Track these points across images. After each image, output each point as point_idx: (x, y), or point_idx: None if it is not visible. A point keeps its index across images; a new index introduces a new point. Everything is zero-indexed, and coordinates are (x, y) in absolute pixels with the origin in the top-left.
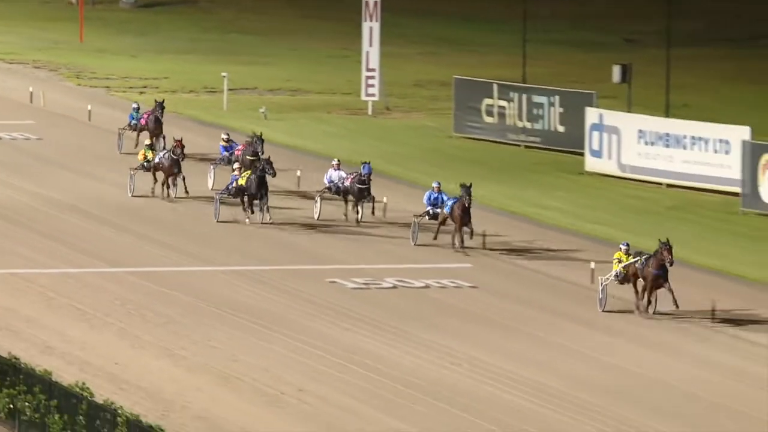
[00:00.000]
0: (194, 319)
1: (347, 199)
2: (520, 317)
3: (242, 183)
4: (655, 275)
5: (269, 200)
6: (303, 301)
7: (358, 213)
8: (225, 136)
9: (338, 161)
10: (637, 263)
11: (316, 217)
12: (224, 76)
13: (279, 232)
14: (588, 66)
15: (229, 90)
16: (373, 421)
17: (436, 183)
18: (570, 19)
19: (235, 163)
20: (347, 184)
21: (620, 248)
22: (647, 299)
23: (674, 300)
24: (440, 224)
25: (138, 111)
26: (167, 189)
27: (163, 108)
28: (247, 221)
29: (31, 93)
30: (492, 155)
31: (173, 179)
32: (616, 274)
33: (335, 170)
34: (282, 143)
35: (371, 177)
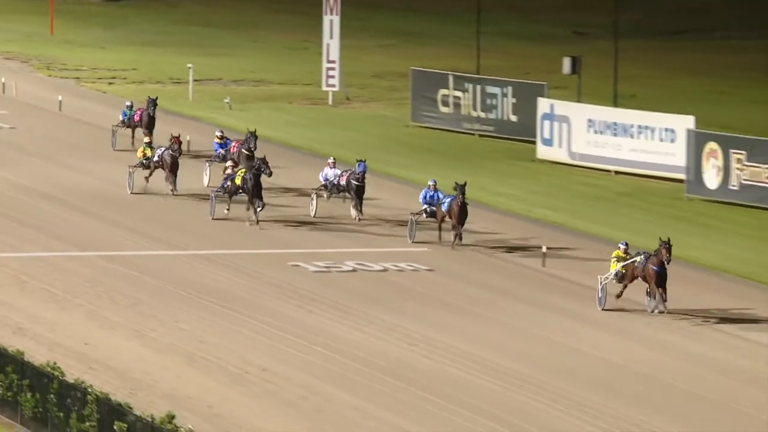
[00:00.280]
0: (162, 301)
1: (345, 197)
2: (475, 299)
3: (238, 183)
4: (657, 272)
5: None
6: (266, 284)
7: (355, 208)
8: (219, 134)
9: (334, 159)
10: (637, 262)
11: (313, 215)
12: (190, 68)
13: (233, 215)
14: (539, 58)
15: (195, 81)
16: (334, 399)
17: (432, 181)
18: (522, 13)
19: (228, 161)
20: (342, 182)
21: (619, 247)
22: (649, 297)
23: (663, 302)
24: (440, 223)
25: (131, 108)
26: (169, 185)
27: (156, 105)
28: (249, 220)
29: (3, 84)
30: (447, 143)
31: (173, 175)
32: (616, 273)
33: (330, 168)
34: (246, 132)
35: (365, 174)
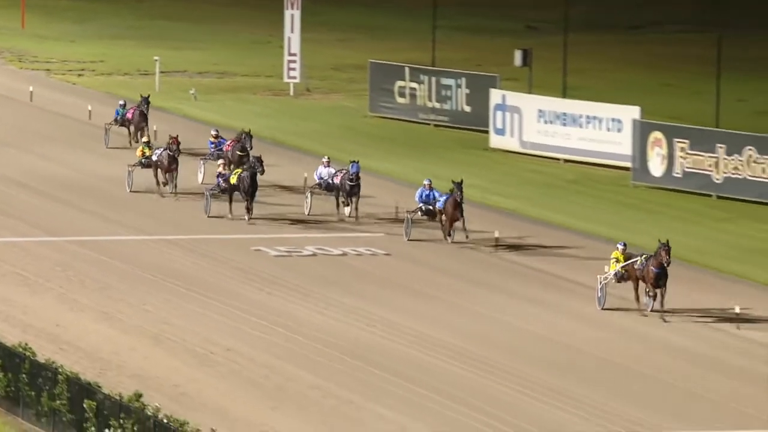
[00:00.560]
0: (129, 285)
1: (337, 196)
2: (431, 283)
3: (233, 181)
4: (656, 274)
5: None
6: (230, 268)
7: (348, 208)
8: (214, 133)
9: (328, 159)
10: (637, 263)
11: (307, 213)
12: (156, 60)
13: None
14: (492, 51)
15: (161, 73)
16: (295, 378)
17: (427, 180)
18: (476, 7)
19: (219, 160)
20: (337, 182)
21: (617, 248)
22: (648, 297)
23: (662, 302)
24: (440, 221)
25: (124, 107)
26: (164, 184)
27: (149, 103)
28: (229, 216)
29: None
30: (404, 133)
31: (170, 175)
32: (615, 274)
33: (325, 167)
34: (210, 122)
35: (359, 175)
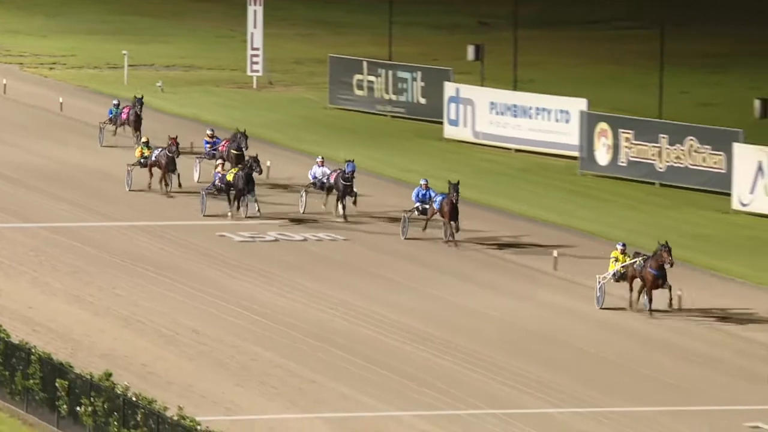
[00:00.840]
0: (100, 269)
1: (330, 194)
2: (389, 267)
3: (230, 179)
4: (655, 275)
5: (255, 194)
6: (196, 253)
7: (344, 208)
8: (210, 132)
9: (322, 158)
10: (636, 264)
11: (302, 211)
12: (125, 54)
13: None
14: (446, 46)
15: (130, 66)
16: (259, 358)
17: (424, 180)
18: (431, 4)
19: (218, 159)
20: (332, 181)
21: (617, 248)
22: (647, 298)
23: (671, 299)
24: (429, 218)
25: (118, 107)
26: (163, 184)
27: (142, 103)
28: (229, 215)
29: None
30: (362, 124)
31: (169, 175)
32: (614, 274)
33: (319, 167)
34: (177, 113)
35: (354, 174)
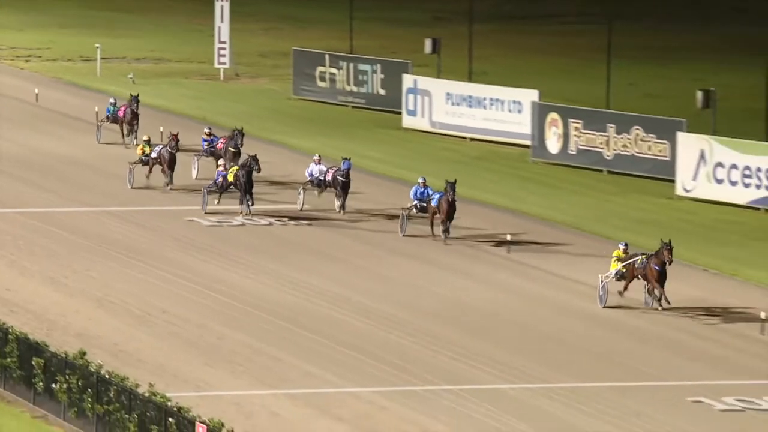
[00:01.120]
0: (74, 253)
1: (323, 190)
2: (350, 250)
3: (231, 179)
4: (659, 271)
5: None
6: (166, 237)
7: (340, 203)
8: (207, 130)
9: (319, 156)
10: (638, 262)
11: (300, 208)
12: (97, 47)
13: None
14: (404, 39)
15: (102, 59)
16: (227, 338)
17: (422, 179)
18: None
19: (220, 159)
20: (329, 178)
21: (619, 247)
22: (650, 295)
23: (665, 298)
24: (432, 217)
25: (115, 105)
26: (170, 179)
27: (138, 101)
28: (242, 213)
29: None
30: (325, 114)
31: (171, 171)
32: (616, 272)
33: (316, 165)
34: (147, 104)
35: (350, 172)
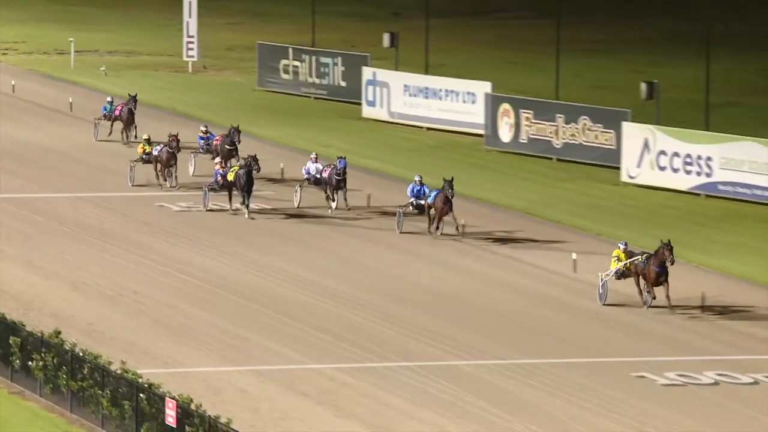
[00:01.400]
0: (49, 237)
1: (325, 189)
2: (313, 234)
3: (231, 178)
4: (658, 272)
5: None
6: (137, 222)
7: (335, 201)
8: (203, 128)
9: (316, 155)
10: (638, 261)
11: (297, 205)
12: (71, 41)
13: (110, 165)
14: (364, 34)
15: (76, 52)
16: (195, 317)
17: (418, 176)
18: None
19: (217, 158)
20: (325, 176)
21: (619, 247)
22: (648, 294)
23: (668, 295)
24: (428, 215)
25: (112, 104)
26: (164, 178)
27: (136, 101)
28: (246, 215)
29: None
30: (288, 105)
31: (170, 170)
32: (616, 271)
33: (313, 163)
34: (120, 95)
35: (346, 170)
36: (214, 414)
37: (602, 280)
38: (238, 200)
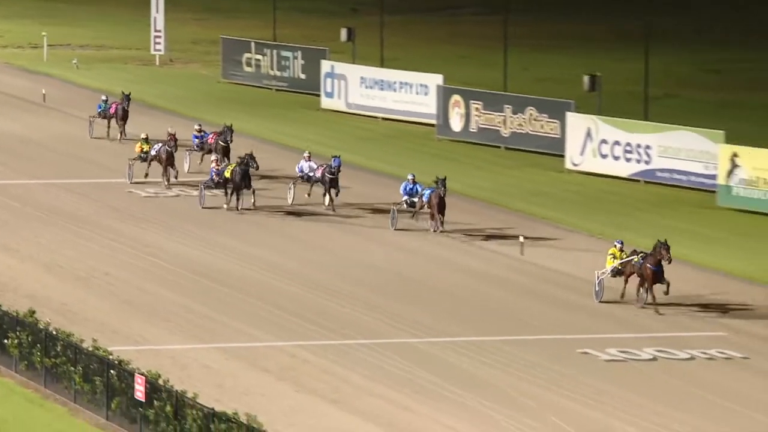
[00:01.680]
0: (24, 221)
1: (313, 186)
2: (278, 219)
3: (227, 176)
4: (654, 271)
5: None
6: (108, 208)
7: (331, 200)
8: (198, 127)
9: (309, 153)
10: (634, 261)
11: (290, 202)
12: (44, 35)
13: (82, 153)
14: (322, 29)
15: (49, 46)
16: (162, 298)
17: (411, 175)
18: None
19: (213, 155)
20: (318, 175)
21: (615, 245)
22: (645, 293)
23: (667, 291)
24: (419, 210)
25: (106, 102)
26: (164, 177)
27: (129, 99)
28: (225, 207)
29: None
30: (250, 96)
31: (169, 168)
32: (612, 269)
33: (306, 161)
34: (90, 86)
35: (340, 168)
36: (181, 389)
37: (598, 278)
38: (235, 200)
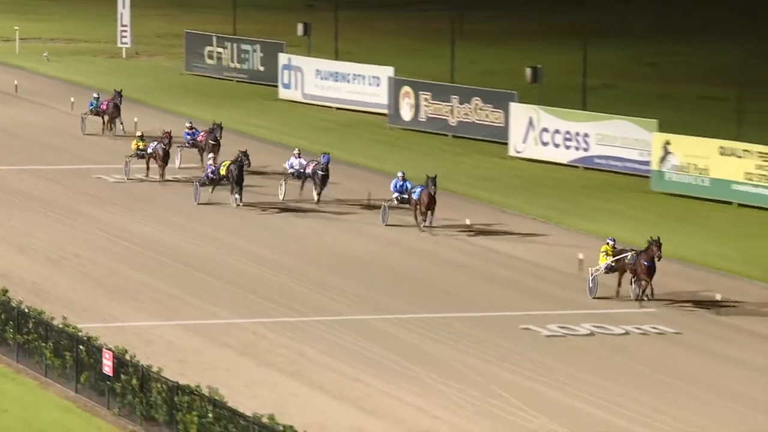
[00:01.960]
0: None
1: (305, 182)
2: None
3: (223, 173)
4: (648, 266)
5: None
6: (76, 192)
7: (319, 194)
8: (188, 124)
9: (298, 150)
10: (628, 257)
11: (281, 198)
12: (16, 29)
13: (53, 142)
14: (280, 23)
15: (21, 39)
16: (131, 279)
17: (401, 173)
18: None
19: (210, 154)
20: (308, 171)
21: (607, 243)
22: (638, 288)
23: (651, 290)
24: (414, 209)
25: (98, 99)
26: (162, 175)
27: (121, 96)
28: (233, 204)
29: None
30: (212, 87)
31: (165, 165)
32: (606, 266)
33: (296, 158)
34: (60, 78)
35: (329, 165)
36: (147, 364)
37: (592, 275)
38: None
